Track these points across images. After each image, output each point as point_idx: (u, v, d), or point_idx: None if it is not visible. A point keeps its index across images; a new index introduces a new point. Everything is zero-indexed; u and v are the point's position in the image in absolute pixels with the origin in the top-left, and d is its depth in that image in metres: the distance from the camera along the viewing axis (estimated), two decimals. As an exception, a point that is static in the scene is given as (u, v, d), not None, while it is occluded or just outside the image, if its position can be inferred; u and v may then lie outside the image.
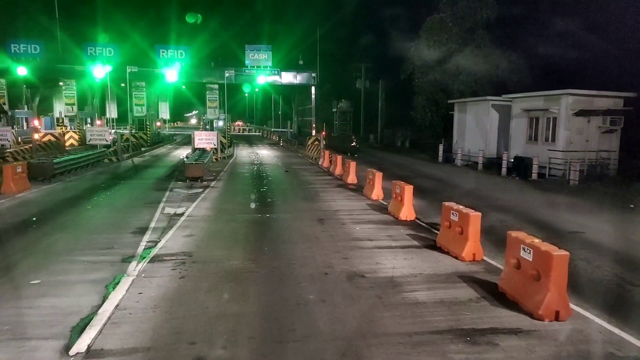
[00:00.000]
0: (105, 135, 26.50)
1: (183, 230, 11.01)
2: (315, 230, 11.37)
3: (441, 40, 31.96)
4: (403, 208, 12.64)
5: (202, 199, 15.48)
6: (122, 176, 21.08)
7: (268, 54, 37.72)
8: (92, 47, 35.60)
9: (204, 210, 13.53)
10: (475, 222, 8.90)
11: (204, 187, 17.86)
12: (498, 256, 9.28)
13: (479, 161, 25.35)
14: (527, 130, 22.72)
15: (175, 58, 36.24)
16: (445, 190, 18.14)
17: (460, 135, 29.06)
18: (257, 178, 21.43)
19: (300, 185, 19.38)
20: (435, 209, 14.22)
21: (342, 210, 13.88)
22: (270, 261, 8.79)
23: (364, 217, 12.96)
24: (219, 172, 22.86)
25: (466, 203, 15.82)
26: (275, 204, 15.01)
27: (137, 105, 37.00)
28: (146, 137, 37.12)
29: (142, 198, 15.48)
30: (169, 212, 13.10)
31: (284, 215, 13.13)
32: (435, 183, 20.25)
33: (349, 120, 68.44)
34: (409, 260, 8.99)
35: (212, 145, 27.89)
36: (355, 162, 20.31)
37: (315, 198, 16.11)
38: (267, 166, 26.66)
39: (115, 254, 9.12)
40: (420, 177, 22.11)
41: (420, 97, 34.00)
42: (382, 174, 16.26)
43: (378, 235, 10.96)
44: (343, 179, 20.59)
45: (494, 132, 26.11)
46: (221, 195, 16.53)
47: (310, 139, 34.80)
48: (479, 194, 17.35)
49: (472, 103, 27.72)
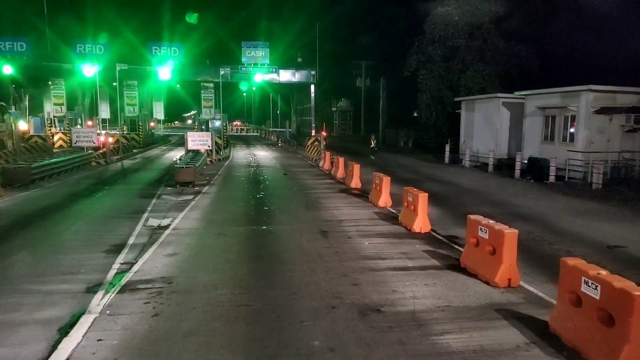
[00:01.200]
0: (92, 137, 24.99)
1: (165, 248, 9.53)
2: (318, 245, 9.89)
3: (447, 34, 30.46)
4: (417, 219, 11.17)
5: (191, 207, 14.00)
6: (107, 181, 19.58)
7: (265, 51, 36.13)
8: (81, 45, 33.89)
9: (192, 222, 12.05)
10: (511, 241, 7.43)
11: (195, 194, 16.37)
12: (536, 280, 7.83)
13: (489, 162, 23.89)
14: (542, 129, 21.27)
15: (169, 56, 34.63)
16: (458, 196, 16.68)
17: (467, 135, 27.61)
18: (254, 182, 19.95)
19: (300, 190, 17.92)
20: (452, 218, 12.78)
21: (347, 220, 12.41)
22: (265, 289, 7.32)
23: (373, 229, 11.49)
24: (213, 176, 21.38)
25: (484, 211, 14.41)
26: (273, 213, 13.53)
27: (129, 105, 35.43)
28: (138, 138, 35.61)
29: (124, 207, 13.99)
30: (153, 224, 11.61)
31: (282, 227, 11.65)
32: (445, 187, 18.78)
33: (349, 119, 67.09)
34: (432, 286, 7.52)
35: (206, 147, 26.37)
36: (359, 164, 18.83)
37: (317, 205, 14.64)
38: (264, 169, 25.18)
39: (79, 281, 7.63)
40: (429, 181, 20.64)
41: (424, 95, 32.51)
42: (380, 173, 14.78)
43: (390, 252, 9.49)
44: (346, 183, 19.13)
45: (504, 131, 24.65)
46: (213, 202, 15.04)
47: (309, 140, 33.30)
48: (496, 200, 15.88)
49: (481, 101, 26.26)
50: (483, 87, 29.57)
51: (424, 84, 32.25)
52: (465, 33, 30.40)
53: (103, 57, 33.46)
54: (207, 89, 36.78)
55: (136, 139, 35.39)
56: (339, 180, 20.63)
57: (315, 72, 37.41)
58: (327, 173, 23.27)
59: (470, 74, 29.64)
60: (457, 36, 30.15)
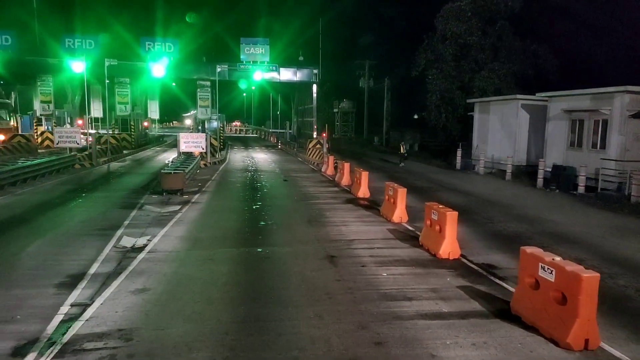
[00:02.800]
0: (76, 137, 23.04)
1: (134, 280, 7.60)
2: (325, 278, 7.97)
3: (459, 31, 28.53)
4: (444, 242, 9.24)
5: (176, 221, 12.07)
6: (87, 187, 17.64)
7: (265, 48, 34.27)
8: (70, 39, 32.08)
9: (174, 242, 10.10)
10: (591, 288, 5.49)
11: (183, 203, 14.44)
12: (615, 337, 5.89)
13: (507, 170, 21.97)
14: (567, 134, 19.36)
15: (163, 52, 32.74)
16: (481, 209, 14.74)
17: (481, 139, 25.70)
18: (250, 189, 18.03)
19: (302, 199, 15.99)
20: (482, 239, 10.86)
21: (358, 241, 10.49)
22: (259, 351, 5.39)
23: (390, 253, 9.57)
24: (206, 182, 19.44)
25: (515, 229, 12.48)
26: (271, 229, 11.60)
27: (120, 103, 33.45)
28: (130, 138, 33.67)
29: (98, 220, 12.04)
30: (126, 244, 9.67)
31: (281, 250, 9.72)
32: (463, 198, 16.86)
33: (351, 121, 65.20)
34: (482, 348, 5.59)
35: (200, 149, 24.46)
36: (367, 172, 16.90)
37: (321, 220, 12.71)
38: (262, 174, 23.24)
39: (8, 335, 5.69)
40: (443, 190, 18.72)
41: (433, 96, 30.56)
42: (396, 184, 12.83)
43: (417, 288, 7.57)
44: (352, 192, 17.21)
45: (523, 136, 22.75)
46: (202, 215, 13.09)
47: (311, 142, 31.40)
48: (525, 214, 13.95)
49: (498, 103, 24.35)
50: (498, 88, 27.64)
51: (434, 84, 30.32)
52: (478, 30, 28.50)
53: (93, 53, 31.60)
54: (204, 87, 34.91)
55: (127, 139, 33.46)
56: (344, 188, 18.72)
57: (317, 70, 35.53)
58: (330, 179, 21.35)
59: (485, 73, 27.68)
60: (470, 33, 28.24)
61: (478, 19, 28.48)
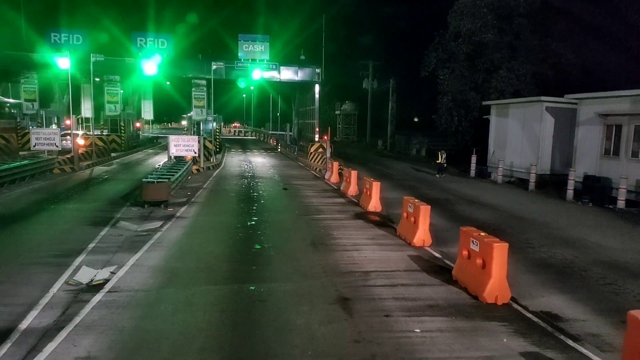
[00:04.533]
0: (55, 139, 20.96)
1: (77, 341, 5.51)
2: (339, 336, 5.89)
3: (473, 28, 26.50)
4: (491, 282, 7.14)
5: (154, 243, 9.98)
6: (60, 196, 15.53)
7: (265, 46, 32.16)
8: (56, 34, 29.93)
9: (145, 275, 8.02)
10: None
11: (166, 219, 12.35)
12: None
13: (530, 179, 19.90)
14: (601, 141, 17.31)
15: (156, 48, 30.58)
16: (514, 228, 12.65)
17: (498, 145, 23.64)
18: (246, 201, 15.94)
19: (304, 213, 13.91)
20: (528, 271, 8.68)
21: (376, 274, 8.41)
22: None
23: (419, 294, 7.49)
24: (196, 191, 17.36)
25: (563, 256, 10.20)
26: (267, 256, 9.51)
27: (110, 102, 31.32)
28: (120, 140, 31.57)
29: (57, 242, 9.95)
30: (82, 279, 7.59)
31: (280, 288, 7.64)
32: (489, 213, 14.78)
33: (353, 123, 63.20)
34: None
35: (192, 153, 22.38)
36: (378, 182, 14.82)
37: (328, 241, 10.63)
38: (260, 181, 21.16)
39: None
40: (464, 202, 16.64)
41: (445, 98, 28.51)
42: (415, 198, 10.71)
43: (466, 357, 5.48)
44: (361, 204, 15.13)
45: (547, 142, 20.69)
46: (186, 235, 10.99)
47: (312, 146, 29.31)
48: (567, 236, 11.86)
49: (518, 105, 22.29)
50: (517, 89, 25.59)
51: (445, 85, 28.26)
52: (494, 27, 26.47)
53: (81, 49, 29.53)
54: (199, 86, 32.69)
55: (117, 141, 31.39)
56: (351, 199, 16.65)
57: (320, 69, 33.43)
58: (335, 188, 19.27)
59: (504, 73, 25.60)
60: (485, 31, 26.21)
61: (494, 15, 26.45)
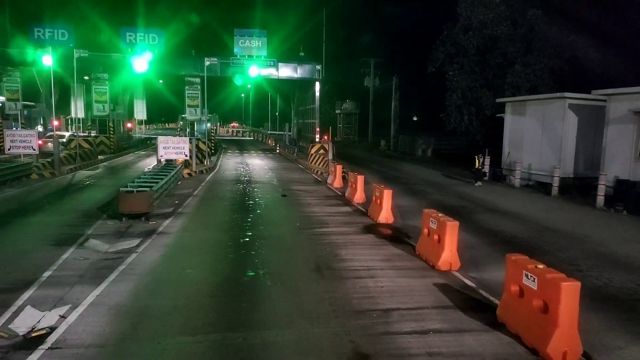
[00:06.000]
0: (31, 142, 19.17)
1: None
2: None
3: (485, 20, 24.74)
4: (557, 333, 5.38)
5: (124, 270, 8.21)
6: (30, 206, 13.73)
7: (262, 41, 30.37)
8: (40, 30, 28.18)
9: (104, 319, 6.23)
10: None
11: (145, 236, 10.58)
12: None
13: (553, 183, 18.17)
14: (636, 141, 15.56)
15: (146, 44, 28.81)
16: (552, 244, 10.88)
17: (514, 145, 21.87)
18: (240, 211, 14.17)
19: (306, 226, 12.14)
20: (592, 308, 6.74)
21: (398, 313, 6.65)
22: None
23: (459, 346, 5.73)
24: (185, 199, 15.58)
25: (621, 283, 8.22)
26: (262, 287, 7.74)
27: (98, 101, 29.47)
28: (108, 142, 29.76)
29: (4, 269, 8.15)
30: (21, 326, 5.83)
31: (277, 338, 5.87)
32: (516, 224, 13.00)
33: (354, 123, 61.39)
34: None
35: (183, 156, 20.60)
36: (390, 190, 13.03)
37: (335, 265, 8.87)
38: (257, 186, 19.38)
39: None
40: (484, 210, 14.86)
41: (454, 95, 26.75)
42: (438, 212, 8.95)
43: None
44: (370, 214, 13.39)
45: (571, 142, 18.94)
46: (165, 258, 9.20)
47: (313, 147, 27.55)
48: (616, 255, 10.10)
49: (537, 102, 20.52)
50: (534, 85, 23.83)
51: (455, 82, 26.51)
52: (506, 19, 24.71)
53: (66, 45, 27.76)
54: (193, 84, 30.86)
55: (106, 142, 29.58)
56: (357, 207, 14.89)
57: (320, 66, 31.65)
58: (339, 194, 17.51)
59: (520, 68, 23.81)
60: (498, 23, 24.45)
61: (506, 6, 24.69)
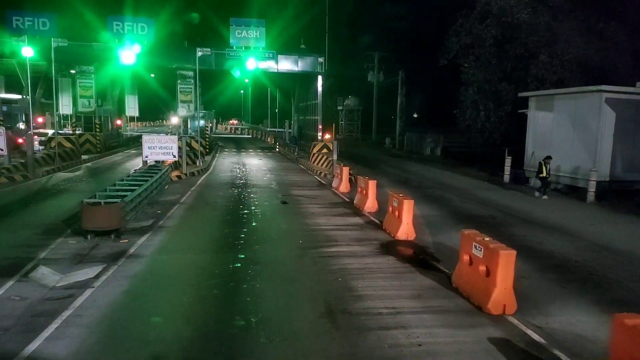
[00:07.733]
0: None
1: None
2: None
3: (505, 6, 22.54)
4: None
5: (68, 318, 6.09)
6: (-17, 219, 11.60)
7: (260, 32, 28.24)
8: (19, 18, 26.08)
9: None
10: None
11: (112, 259, 8.45)
12: None
13: (590, 188, 16.05)
14: (692, 141, 13.42)
15: (135, 34, 26.71)
16: (619, 273, 8.75)
17: (539, 144, 19.73)
18: (232, 223, 12.03)
19: (310, 245, 10.00)
20: None
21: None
22: None
23: None
24: (169, 208, 13.43)
25: None
26: (255, 347, 5.61)
27: (83, 97, 27.47)
28: (95, 140, 27.60)
29: None
30: None
31: None
32: (564, 241, 10.86)
33: (357, 120, 59.17)
34: None
35: (170, 157, 18.46)
36: (411, 200, 10.89)
37: (352, 306, 6.75)
38: (254, 190, 17.23)
39: None
40: (518, 222, 12.71)
41: (470, 89, 24.60)
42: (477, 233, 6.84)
43: None
44: (386, 228, 11.28)
45: (607, 142, 16.81)
46: (127, 297, 7.05)
47: (316, 146, 25.43)
48: None
49: (567, 97, 18.36)
50: (561, 78, 21.66)
51: (470, 75, 24.35)
52: (527, 6, 22.54)
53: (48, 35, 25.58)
54: (186, 78, 28.92)
55: (91, 141, 27.41)
56: (369, 217, 12.77)
57: (323, 59, 29.49)
58: (346, 201, 15.38)
59: (545, 59, 21.61)
60: (519, 10, 22.29)
61: (527, -9, 22.54)
